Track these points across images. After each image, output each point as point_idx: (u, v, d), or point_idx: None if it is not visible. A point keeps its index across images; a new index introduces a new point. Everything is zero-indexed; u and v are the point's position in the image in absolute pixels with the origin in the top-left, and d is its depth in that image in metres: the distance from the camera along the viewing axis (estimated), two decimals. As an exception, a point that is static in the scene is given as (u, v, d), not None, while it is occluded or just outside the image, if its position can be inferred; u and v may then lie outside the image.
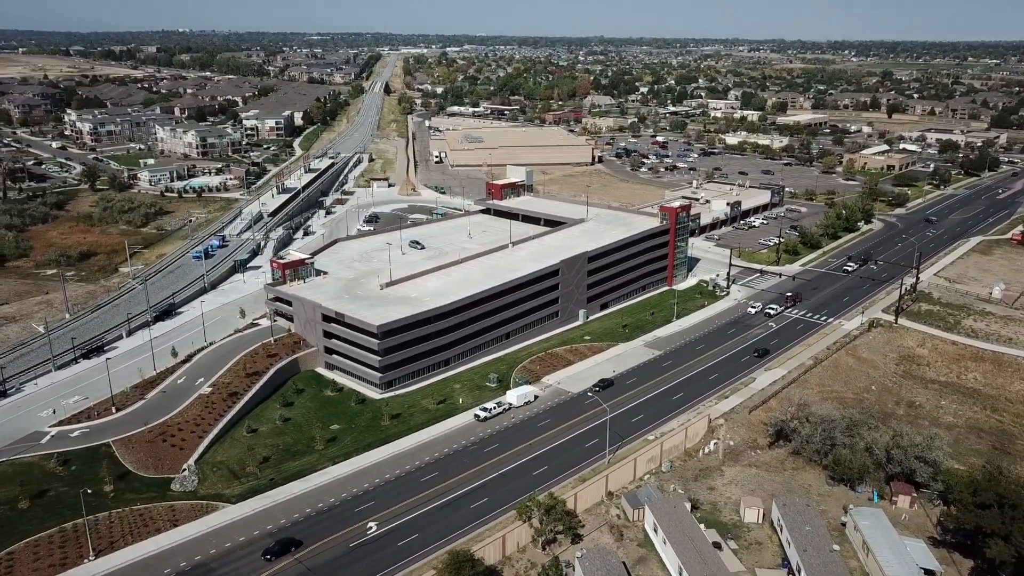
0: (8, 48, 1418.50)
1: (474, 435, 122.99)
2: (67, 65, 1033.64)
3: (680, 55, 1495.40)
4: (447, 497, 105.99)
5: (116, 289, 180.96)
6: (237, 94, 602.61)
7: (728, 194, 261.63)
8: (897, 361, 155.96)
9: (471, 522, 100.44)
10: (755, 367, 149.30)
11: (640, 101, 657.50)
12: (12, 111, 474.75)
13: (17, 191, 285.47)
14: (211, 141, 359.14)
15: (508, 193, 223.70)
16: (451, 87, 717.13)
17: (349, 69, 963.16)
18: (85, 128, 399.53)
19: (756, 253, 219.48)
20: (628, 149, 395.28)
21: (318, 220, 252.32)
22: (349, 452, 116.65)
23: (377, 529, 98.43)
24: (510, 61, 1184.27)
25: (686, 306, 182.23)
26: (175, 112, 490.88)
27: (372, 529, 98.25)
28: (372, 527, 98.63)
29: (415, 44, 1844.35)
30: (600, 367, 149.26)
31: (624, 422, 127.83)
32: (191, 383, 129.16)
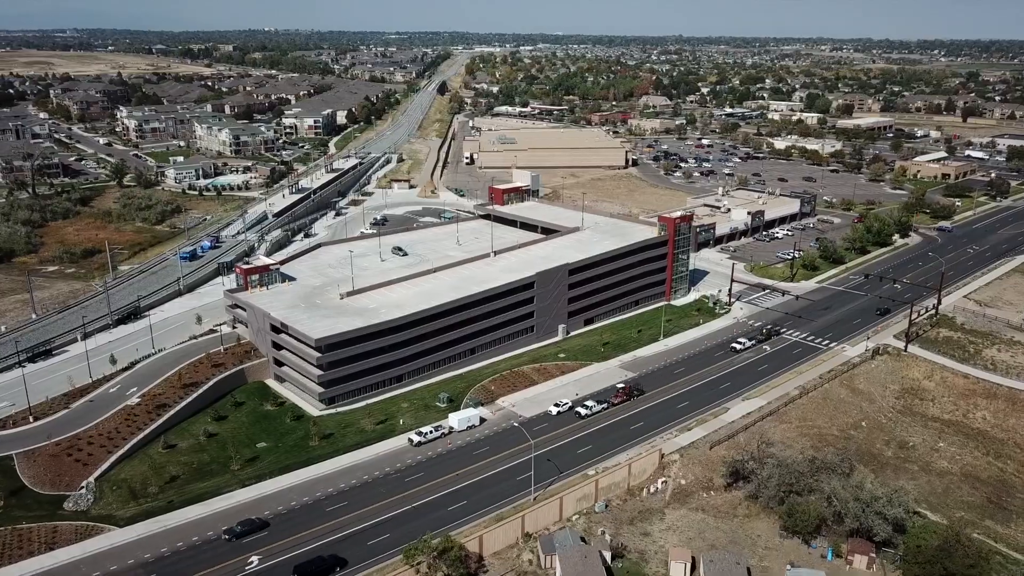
0: (100, 46, 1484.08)
1: (402, 461, 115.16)
2: (146, 63, 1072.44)
3: (757, 54, 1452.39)
4: (345, 532, 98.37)
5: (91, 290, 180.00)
6: (292, 92, 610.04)
7: (754, 202, 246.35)
8: (898, 394, 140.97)
9: (360, 563, 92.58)
10: (731, 396, 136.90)
11: (698, 102, 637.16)
12: (72, 107, 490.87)
13: (48, 186, 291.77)
14: (244, 139, 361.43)
15: (512, 198, 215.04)
16: (506, 86, 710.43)
17: (413, 68, 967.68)
18: (131, 125, 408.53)
19: (770, 267, 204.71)
20: (667, 152, 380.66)
21: (326, 222, 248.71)
22: (263, 474, 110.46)
23: (258, 564, 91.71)
24: (576, 60, 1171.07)
25: (679, 324, 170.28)
26: (225, 109, 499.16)
27: (253, 564, 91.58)
28: (254, 561, 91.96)
29: (490, 43, 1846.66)
30: (563, 389, 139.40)
31: (568, 453, 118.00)
32: (123, 393, 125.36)
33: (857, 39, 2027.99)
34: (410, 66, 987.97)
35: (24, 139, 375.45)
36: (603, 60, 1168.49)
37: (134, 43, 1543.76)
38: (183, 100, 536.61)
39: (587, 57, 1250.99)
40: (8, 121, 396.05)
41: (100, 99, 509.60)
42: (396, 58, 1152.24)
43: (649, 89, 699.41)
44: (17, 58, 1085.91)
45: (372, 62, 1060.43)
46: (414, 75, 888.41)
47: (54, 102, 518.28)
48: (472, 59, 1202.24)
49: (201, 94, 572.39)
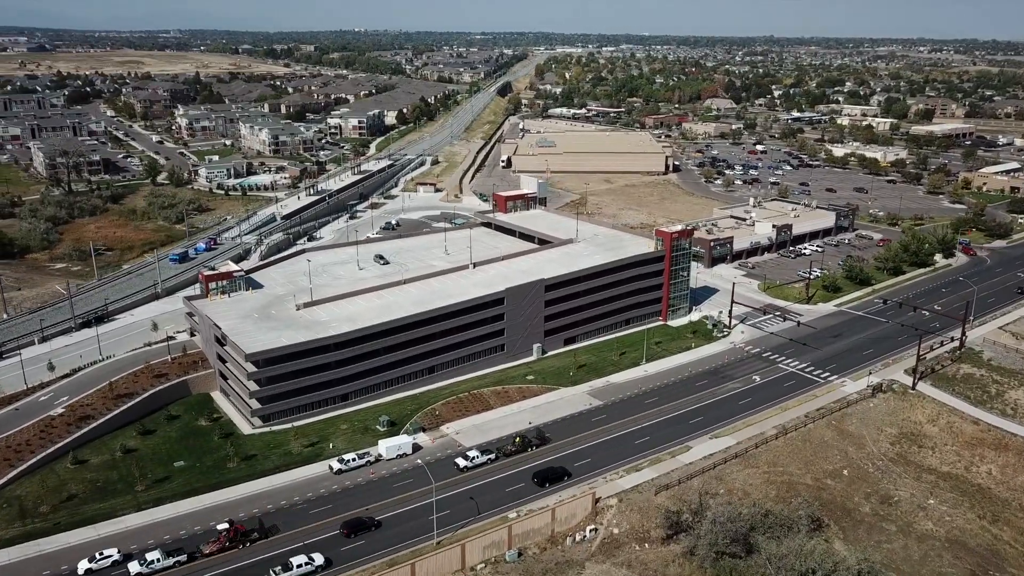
0: (196, 47, 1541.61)
1: (314, 491, 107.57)
2: (229, 62, 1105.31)
3: (848, 56, 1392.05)
4: (217, 571, 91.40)
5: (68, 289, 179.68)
6: (353, 92, 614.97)
7: (785, 215, 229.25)
8: (893, 439, 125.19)
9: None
10: (698, 432, 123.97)
11: (766, 105, 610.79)
12: (136, 105, 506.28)
13: (87, 183, 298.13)
14: (283, 139, 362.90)
15: (517, 206, 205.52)
16: (570, 88, 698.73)
17: (483, 68, 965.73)
18: (183, 123, 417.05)
19: (786, 287, 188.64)
20: (715, 158, 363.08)
21: (337, 225, 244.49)
22: (165, 497, 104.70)
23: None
24: (653, 61, 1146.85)
25: (668, 347, 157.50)
26: (281, 109, 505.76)
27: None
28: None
29: (573, 44, 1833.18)
30: (518, 416, 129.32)
31: (496, 491, 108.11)
32: (52, 402, 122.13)
33: (960, 40, 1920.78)
34: (481, 67, 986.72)
35: (80, 136, 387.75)
36: (679, 61, 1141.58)
37: (229, 43, 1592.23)
38: (244, 99, 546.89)
39: (666, 58, 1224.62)
40: (67, 118, 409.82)
41: (163, 98, 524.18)
42: (471, 58, 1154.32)
43: (718, 91, 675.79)
44: (113, 57, 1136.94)
45: (445, 62, 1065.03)
46: (482, 75, 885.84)
47: (122, 100, 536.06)
48: (547, 60, 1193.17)
49: (262, 93, 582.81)
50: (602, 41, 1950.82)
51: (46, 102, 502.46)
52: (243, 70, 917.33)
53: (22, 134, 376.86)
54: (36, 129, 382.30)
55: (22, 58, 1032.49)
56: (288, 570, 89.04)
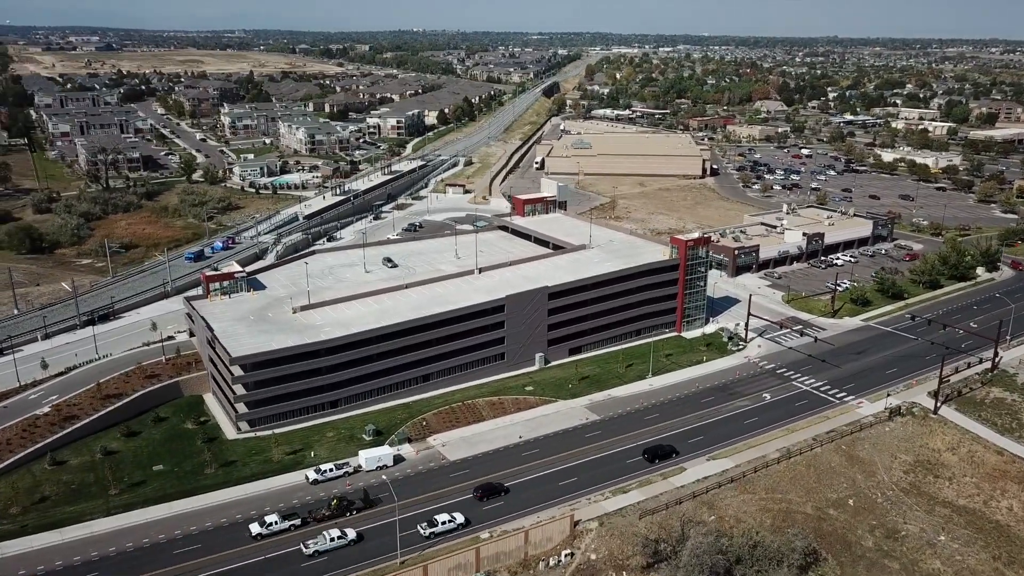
0: (256, 46, 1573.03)
1: (288, 502, 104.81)
2: (285, 61, 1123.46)
3: (914, 57, 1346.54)
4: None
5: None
6: (399, 91, 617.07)
7: (819, 223, 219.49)
8: (908, 467, 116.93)
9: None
10: (695, 453, 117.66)
11: (819, 107, 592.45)
12: (186, 103, 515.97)
13: (125, 179, 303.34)
14: (319, 138, 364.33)
15: (535, 210, 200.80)
16: (618, 88, 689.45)
17: (533, 69, 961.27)
18: (226, 122, 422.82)
19: (811, 300, 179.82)
20: (756, 162, 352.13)
21: (360, 226, 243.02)
22: (136, 503, 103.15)
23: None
24: (707, 62, 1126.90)
25: (678, 360, 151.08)
26: (325, 108, 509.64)
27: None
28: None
29: (630, 44, 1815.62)
30: (509, 429, 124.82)
31: (474, 509, 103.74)
32: (40, 401, 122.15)
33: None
34: (532, 67, 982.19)
35: (126, 133, 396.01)
36: (733, 62, 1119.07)
37: (291, 43, 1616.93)
38: (291, 98, 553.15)
39: (722, 59, 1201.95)
40: (116, 116, 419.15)
41: (212, 96, 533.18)
42: (523, 59, 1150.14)
43: (770, 93, 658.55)
44: (175, 56, 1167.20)
45: (496, 62, 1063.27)
46: (531, 76, 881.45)
47: (172, 99, 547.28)
48: (600, 60, 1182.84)
49: (308, 92, 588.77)
50: (660, 41, 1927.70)
51: (100, 100, 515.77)
52: (297, 69, 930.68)
53: (71, 131, 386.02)
54: (84, 126, 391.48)
55: (89, 57, 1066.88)
56: (434, 526, 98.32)
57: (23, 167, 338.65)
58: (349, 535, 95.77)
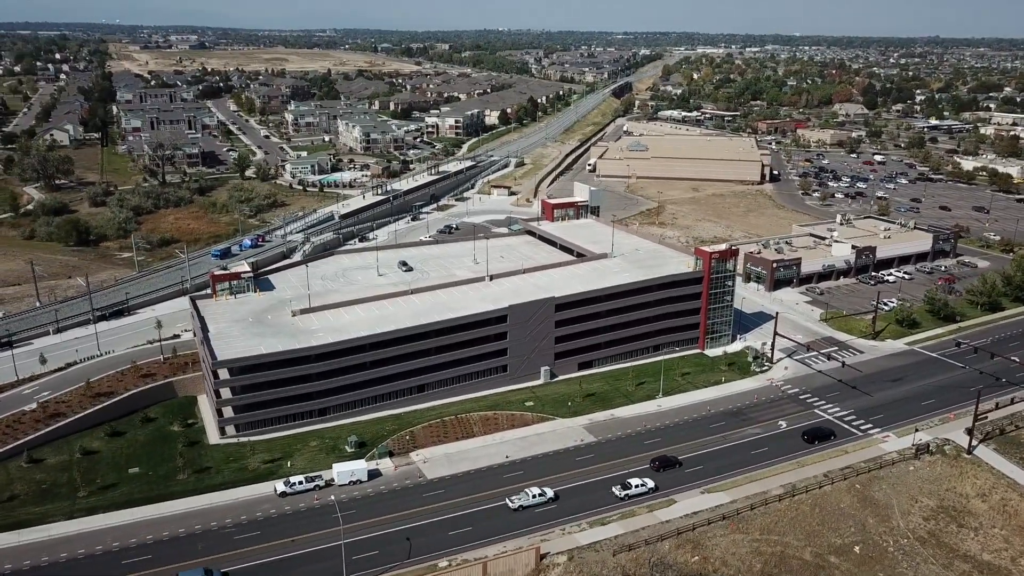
0: (341, 45, 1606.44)
1: (250, 515, 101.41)
2: (364, 60, 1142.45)
3: (1021, 59, 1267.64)
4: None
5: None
6: (466, 91, 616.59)
7: (874, 235, 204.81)
8: (929, 513, 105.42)
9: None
10: (690, 484, 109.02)
11: (903, 111, 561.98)
12: (256, 101, 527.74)
13: (181, 175, 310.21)
14: (374, 137, 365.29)
15: (567, 214, 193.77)
16: (691, 89, 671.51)
17: (609, 68, 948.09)
18: (290, 119, 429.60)
19: (852, 319, 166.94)
20: (822, 169, 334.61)
21: (396, 226, 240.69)
22: (101, 507, 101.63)
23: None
24: (792, 62, 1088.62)
25: (696, 379, 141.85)
26: (390, 106, 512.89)
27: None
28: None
29: (716, 44, 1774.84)
30: (497, 448, 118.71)
31: (436, 534, 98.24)
32: (33, 397, 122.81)
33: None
34: (608, 67, 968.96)
35: (193, 129, 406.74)
36: (819, 63, 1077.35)
37: (378, 41, 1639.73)
38: (358, 96, 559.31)
39: (811, 59, 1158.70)
40: (186, 112, 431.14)
41: (283, 94, 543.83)
42: (601, 58, 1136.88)
43: (852, 95, 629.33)
44: (262, 55, 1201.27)
45: (573, 62, 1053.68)
46: (606, 76, 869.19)
47: (245, 96, 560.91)
48: (680, 60, 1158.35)
49: (376, 90, 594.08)
50: (747, 42, 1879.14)
51: (177, 96, 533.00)
52: (374, 67, 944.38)
53: (142, 126, 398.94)
54: (155, 121, 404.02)
55: (181, 55, 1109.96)
56: (628, 488, 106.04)
57: (92, 161, 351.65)
58: (548, 493, 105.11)
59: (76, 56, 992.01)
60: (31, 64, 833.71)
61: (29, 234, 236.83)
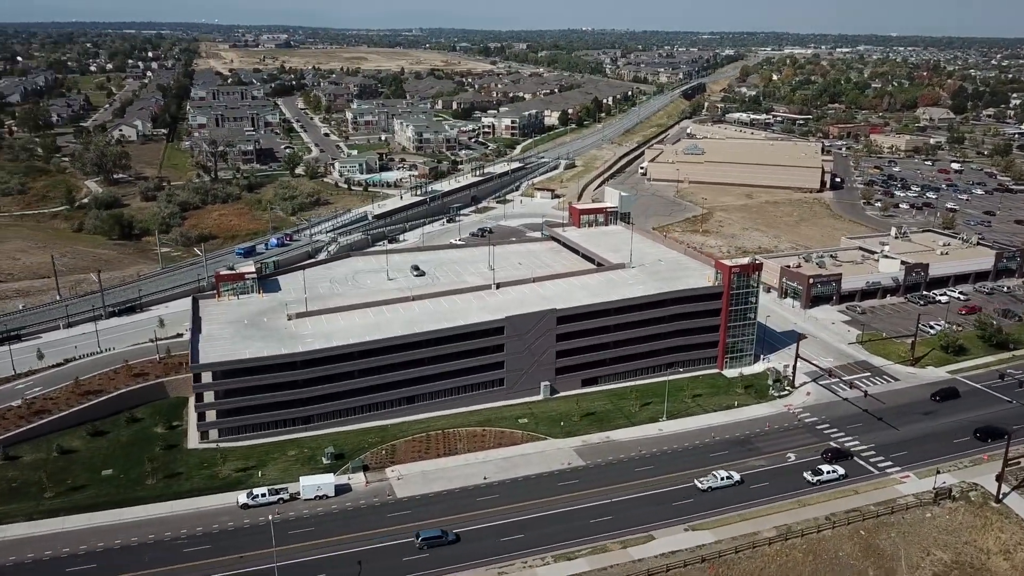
0: (421, 45, 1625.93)
1: (206, 526, 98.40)
2: (441, 59, 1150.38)
3: None
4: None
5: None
6: (532, 91, 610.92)
7: (931, 250, 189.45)
8: (941, 569, 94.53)
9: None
10: (674, 519, 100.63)
11: (995, 116, 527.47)
12: (322, 99, 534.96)
13: (234, 171, 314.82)
14: (426, 136, 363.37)
15: (595, 220, 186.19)
16: (765, 91, 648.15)
17: (685, 68, 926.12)
18: (349, 117, 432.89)
19: (892, 342, 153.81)
20: (891, 176, 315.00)
21: (429, 228, 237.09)
22: (62, 510, 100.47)
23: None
24: (881, 63, 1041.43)
25: (707, 402, 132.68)
26: (453, 106, 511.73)
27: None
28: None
29: (805, 44, 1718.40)
30: (478, 468, 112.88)
31: (391, 559, 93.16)
32: (24, 392, 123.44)
33: None
34: (684, 67, 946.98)
35: (256, 126, 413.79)
36: (909, 64, 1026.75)
37: (461, 40, 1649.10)
38: (421, 95, 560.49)
39: (904, 60, 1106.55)
40: (251, 109, 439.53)
41: (349, 92, 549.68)
42: (680, 58, 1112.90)
43: (940, 97, 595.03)
44: (342, 53, 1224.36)
45: (649, 62, 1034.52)
46: (681, 76, 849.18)
47: (313, 94, 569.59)
48: (762, 61, 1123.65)
49: (440, 89, 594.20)
50: (839, 42, 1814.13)
51: (248, 94, 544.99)
52: (449, 66, 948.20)
53: (207, 122, 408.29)
54: (220, 119, 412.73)
55: (265, 53, 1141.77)
56: (819, 474, 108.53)
57: (155, 156, 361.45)
58: (735, 476, 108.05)
59: (167, 54, 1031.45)
60: (123, 62, 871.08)
61: (78, 227, 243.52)
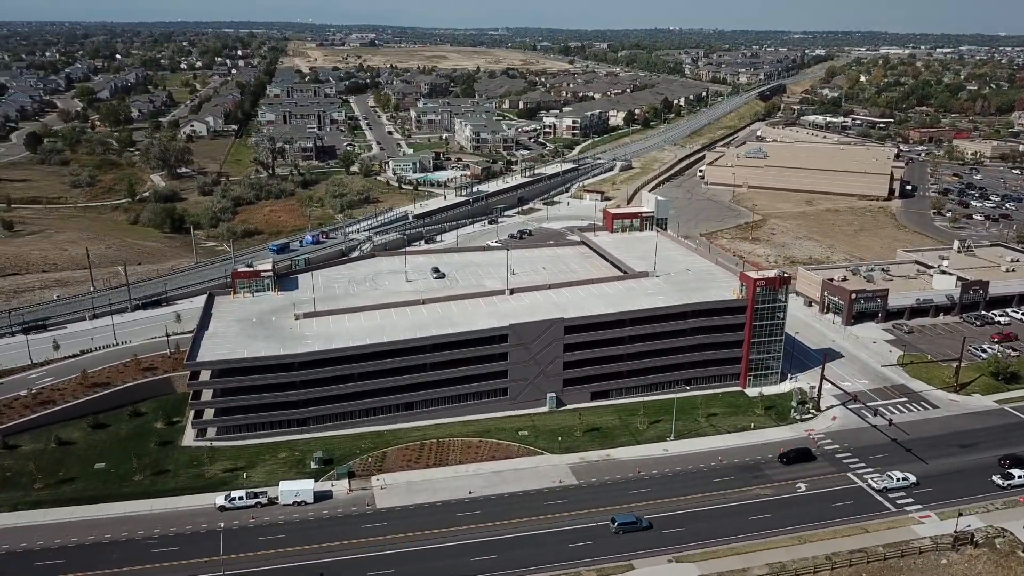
0: (504, 44, 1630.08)
1: (180, 527, 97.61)
2: (519, 59, 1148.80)
3: None
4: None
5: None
6: (603, 91, 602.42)
7: (995, 267, 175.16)
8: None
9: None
10: (658, 549, 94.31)
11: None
12: (391, 97, 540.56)
13: (292, 167, 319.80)
14: (483, 136, 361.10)
15: (630, 225, 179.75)
16: (847, 93, 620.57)
17: (768, 69, 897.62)
18: (413, 116, 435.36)
19: (937, 366, 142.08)
20: (970, 185, 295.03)
21: (472, 228, 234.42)
22: (46, 502, 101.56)
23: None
24: (982, 64, 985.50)
25: (722, 422, 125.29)
26: (519, 105, 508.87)
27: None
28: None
29: (903, 44, 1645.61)
30: (464, 481, 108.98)
31: (356, 571, 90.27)
32: (36, 381, 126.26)
33: None
34: (767, 67, 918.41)
35: (322, 124, 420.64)
36: (1015, 66, 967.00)
37: (546, 40, 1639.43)
38: (488, 94, 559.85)
39: (1009, 62, 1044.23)
40: (318, 107, 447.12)
41: (418, 91, 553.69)
42: (763, 59, 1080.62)
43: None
44: (424, 52, 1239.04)
45: (731, 62, 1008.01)
46: (762, 77, 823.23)
47: (383, 92, 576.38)
48: (851, 62, 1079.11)
49: (508, 89, 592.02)
50: (940, 41, 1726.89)
51: (320, 92, 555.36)
52: (527, 65, 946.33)
53: (275, 119, 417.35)
54: (287, 115, 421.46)
55: (348, 52, 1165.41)
56: (1009, 479, 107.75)
57: (222, 152, 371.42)
58: (911, 478, 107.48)
59: (255, 53, 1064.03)
60: (211, 60, 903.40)
61: (135, 219, 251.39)
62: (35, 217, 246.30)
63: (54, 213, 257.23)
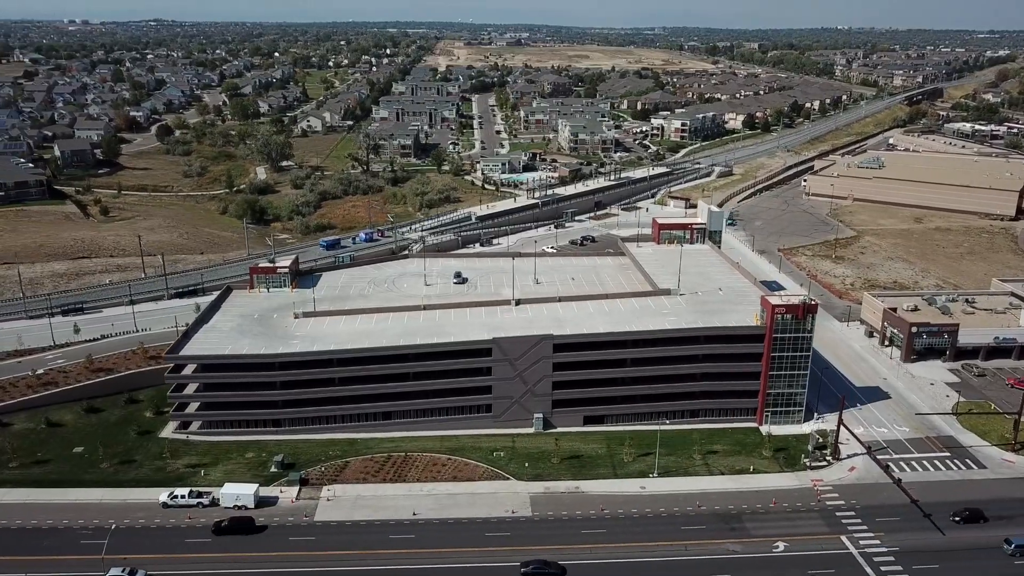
0: (654, 44, 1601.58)
1: (119, 519, 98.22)
2: (661, 58, 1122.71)
3: None
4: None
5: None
6: (732, 91, 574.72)
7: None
8: None
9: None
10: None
11: None
12: (510, 96, 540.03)
13: (388, 164, 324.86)
14: (582, 137, 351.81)
15: (680, 236, 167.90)
16: (1019, 97, 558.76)
17: (926, 71, 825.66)
18: (521, 115, 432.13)
19: (997, 418, 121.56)
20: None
21: (535, 233, 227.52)
22: (10, 482, 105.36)
23: None
24: None
25: (720, 462, 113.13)
26: (637, 106, 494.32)
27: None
28: None
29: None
30: (413, 501, 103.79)
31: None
32: (51, 363, 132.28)
33: None
34: (927, 69, 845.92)
35: (432, 122, 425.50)
36: None
37: (707, 40, 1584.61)
38: (608, 94, 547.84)
39: None
40: (428, 105, 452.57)
41: (536, 90, 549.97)
42: (925, 60, 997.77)
43: None
44: (567, 51, 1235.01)
45: (889, 64, 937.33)
46: (920, 80, 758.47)
47: (503, 92, 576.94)
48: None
49: (629, 89, 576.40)
50: None
51: (444, 90, 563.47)
52: (668, 66, 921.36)
53: (389, 116, 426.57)
54: (400, 113, 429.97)
55: (492, 51, 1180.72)
56: None
57: (330, 146, 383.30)
58: None
59: (403, 51, 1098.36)
60: (357, 58, 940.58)
61: (223, 209, 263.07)
62: (136, 204, 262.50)
63: (156, 201, 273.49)
